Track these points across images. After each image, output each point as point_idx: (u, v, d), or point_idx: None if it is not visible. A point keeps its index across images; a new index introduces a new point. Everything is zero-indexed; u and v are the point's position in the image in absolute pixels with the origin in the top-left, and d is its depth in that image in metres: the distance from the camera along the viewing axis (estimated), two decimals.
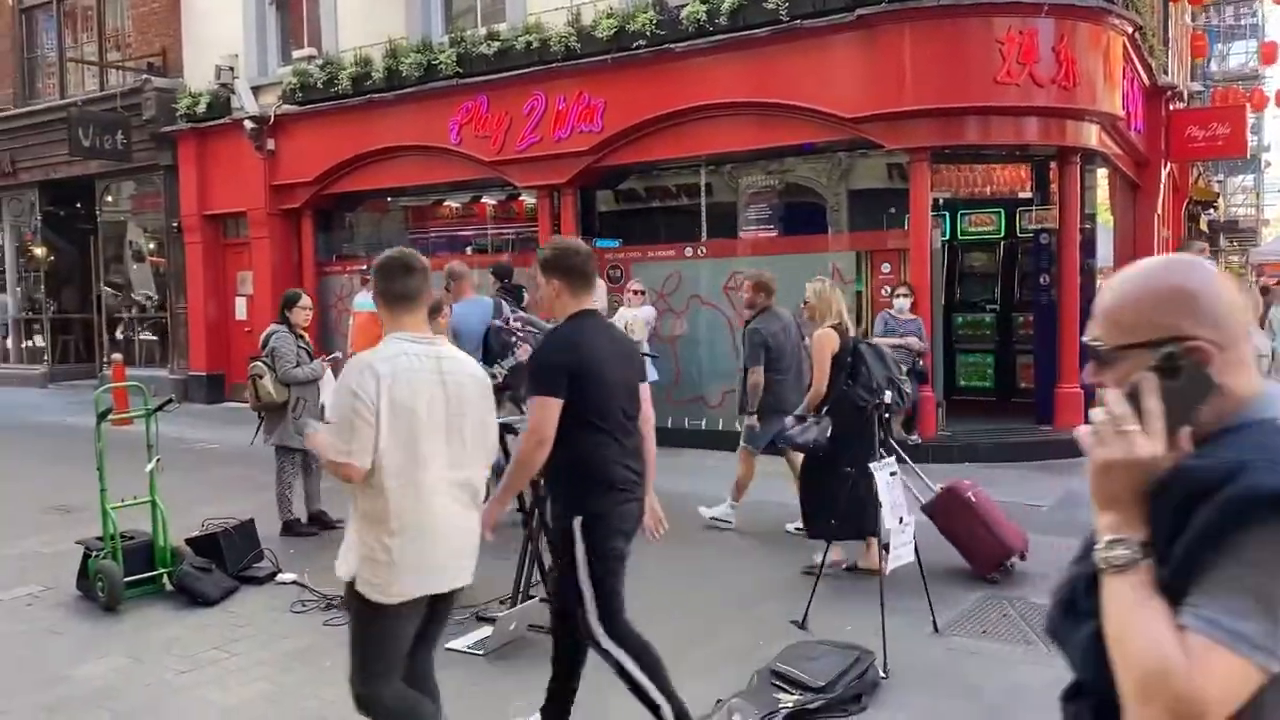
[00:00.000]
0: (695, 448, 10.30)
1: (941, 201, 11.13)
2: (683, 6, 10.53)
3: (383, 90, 12.86)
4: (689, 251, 11.35)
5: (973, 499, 5.94)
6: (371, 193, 14.13)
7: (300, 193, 14.18)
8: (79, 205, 17.84)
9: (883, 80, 9.58)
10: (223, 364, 15.32)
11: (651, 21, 10.62)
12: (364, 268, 12.50)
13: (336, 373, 7.24)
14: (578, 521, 3.42)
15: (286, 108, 13.90)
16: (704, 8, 10.32)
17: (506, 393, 6.62)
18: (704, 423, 10.86)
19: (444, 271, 7.23)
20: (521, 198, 13.03)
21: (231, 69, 14.38)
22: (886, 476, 4.74)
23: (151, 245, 17.10)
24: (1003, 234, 12.32)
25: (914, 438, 9.53)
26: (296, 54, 14.09)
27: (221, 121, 14.65)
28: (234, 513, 6.81)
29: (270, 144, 14.16)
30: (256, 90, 14.32)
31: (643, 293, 10.54)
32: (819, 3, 9.80)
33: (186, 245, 15.43)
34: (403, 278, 3.18)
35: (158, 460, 6.18)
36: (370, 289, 11.06)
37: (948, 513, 5.98)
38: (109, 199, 17.52)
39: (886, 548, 4.71)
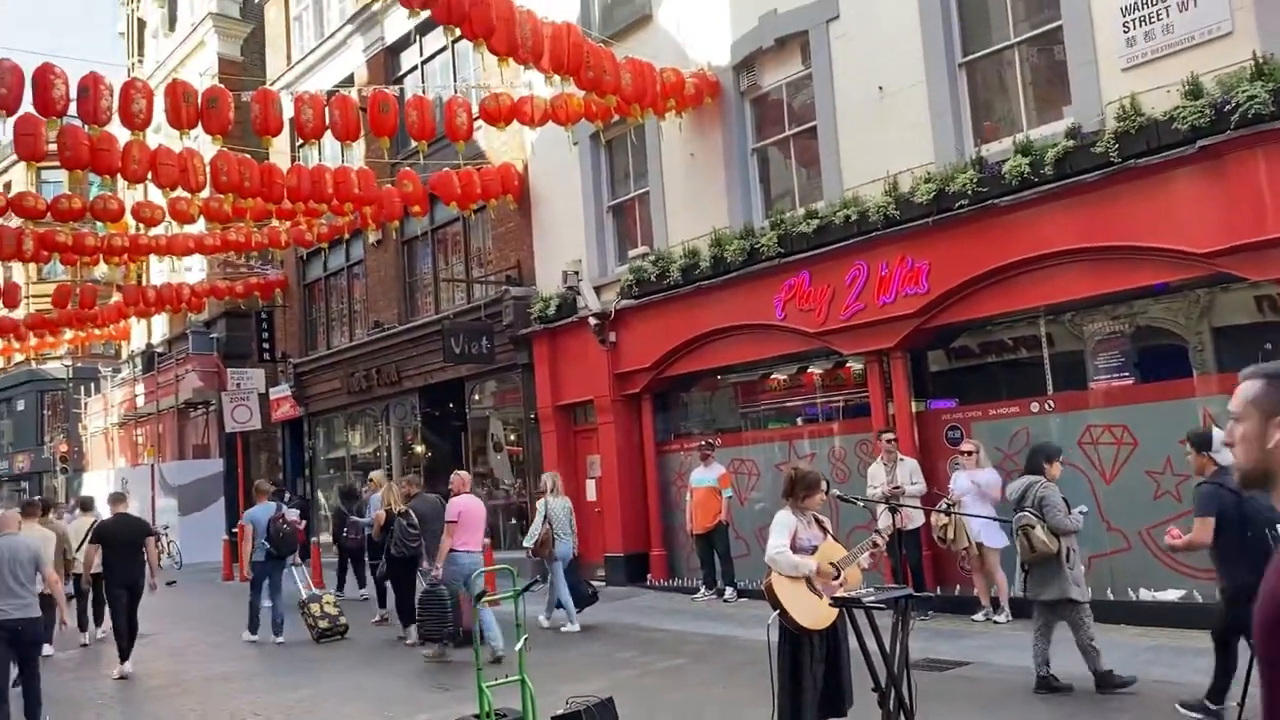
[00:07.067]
0: None
1: None
2: (1003, 161, 10.37)
3: (710, 277, 13.59)
4: (1035, 406, 10.76)
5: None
6: (703, 373, 14.73)
7: (639, 378, 15.08)
8: (451, 405, 20.00)
9: (1237, 209, 8.83)
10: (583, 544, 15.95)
11: (972, 180, 10.54)
12: (701, 443, 12.90)
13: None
14: None
15: (625, 302, 15.02)
16: (1026, 160, 10.11)
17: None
18: None
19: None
20: (849, 364, 13.05)
21: (576, 273, 15.86)
22: None
23: (511, 436, 18.73)
24: None
25: None
26: (632, 253, 15.32)
27: (569, 320, 16.05)
28: (594, 690, 7.04)
29: (612, 336, 15.30)
30: (598, 289, 15.62)
31: (973, 453, 10.05)
32: (1153, 139, 9.31)
33: (542, 434, 16.75)
34: None
35: (526, 639, 6.59)
36: (707, 465, 11.56)
37: None
38: (475, 397, 19.52)
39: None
